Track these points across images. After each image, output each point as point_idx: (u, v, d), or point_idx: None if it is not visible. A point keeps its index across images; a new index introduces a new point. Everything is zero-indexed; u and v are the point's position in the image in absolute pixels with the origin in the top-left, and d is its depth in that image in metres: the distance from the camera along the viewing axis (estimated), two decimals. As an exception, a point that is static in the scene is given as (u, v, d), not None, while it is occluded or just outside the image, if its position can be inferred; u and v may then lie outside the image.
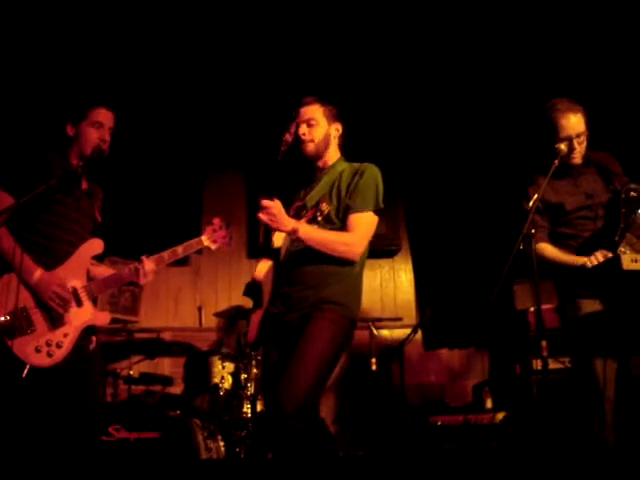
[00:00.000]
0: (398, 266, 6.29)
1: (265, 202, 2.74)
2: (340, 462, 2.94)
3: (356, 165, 3.04)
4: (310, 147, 3.04)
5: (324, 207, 2.87)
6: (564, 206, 3.33)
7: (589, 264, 3.10)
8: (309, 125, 3.04)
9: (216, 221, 3.27)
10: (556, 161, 3.17)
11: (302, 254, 2.89)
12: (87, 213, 3.21)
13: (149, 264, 3.10)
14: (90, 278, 3.09)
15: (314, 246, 2.83)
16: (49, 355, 2.85)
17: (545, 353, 2.96)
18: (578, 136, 3.29)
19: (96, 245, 3.14)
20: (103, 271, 3.16)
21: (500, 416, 4.30)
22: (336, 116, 3.13)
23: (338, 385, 5.65)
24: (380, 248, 6.11)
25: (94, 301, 4.46)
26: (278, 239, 3.03)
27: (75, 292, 2.99)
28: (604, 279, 3.08)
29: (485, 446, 4.25)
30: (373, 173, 2.99)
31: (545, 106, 3.36)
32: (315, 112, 3.07)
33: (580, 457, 3.14)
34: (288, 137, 3.01)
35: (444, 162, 5.95)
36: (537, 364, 4.36)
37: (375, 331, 4.92)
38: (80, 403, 2.95)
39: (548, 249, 3.34)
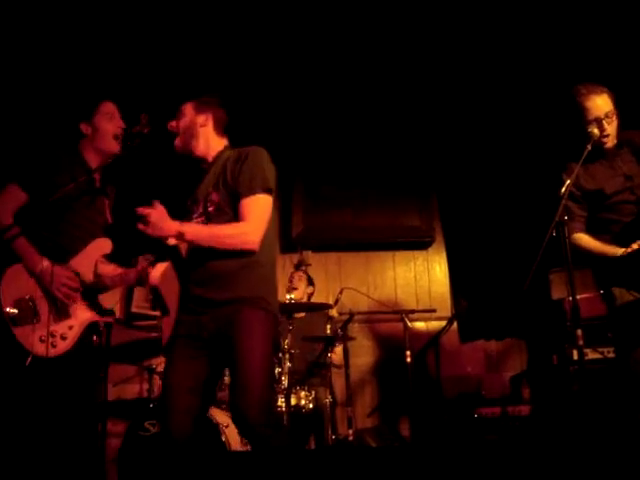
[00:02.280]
0: (432, 258, 6.23)
1: (140, 210, 2.57)
2: (372, 453, 2.91)
3: (242, 150, 2.90)
4: (177, 141, 2.97)
5: (214, 197, 2.78)
6: (604, 190, 3.28)
7: (630, 250, 3.04)
8: (178, 119, 2.99)
9: None
10: (589, 145, 3.13)
11: (204, 251, 2.72)
12: (100, 211, 3.27)
13: (156, 269, 3.06)
14: (97, 276, 3.13)
15: (207, 245, 2.68)
16: (53, 346, 2.90)
17: (581, 342, 2.91)
18: (607, 116, 3.25)
19: (105, 245, 3.20)
20: (111, 270, 3.18)
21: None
22: (207, 105, 3.01)
23: (373, 378, 5.64)
24: (414, 240, 6.08)
25: (129, 296, 4.50)
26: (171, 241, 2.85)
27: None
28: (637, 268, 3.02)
29: (524, 437, 4.19)
30: (257, 154, 2.84)
31: (570, 93, 3.34)
32: (185, 107, 3.01)
33: (622, 447, 3.07)
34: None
35: (478, 152, 5.89)
36: (575, 354, 4.29)
37: (409, 323, 4.88)
38: (76, 399, 2.99)
39: (584, 239, 3.28)
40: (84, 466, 2.99)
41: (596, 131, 3.19)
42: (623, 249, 3.07)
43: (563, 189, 2.99)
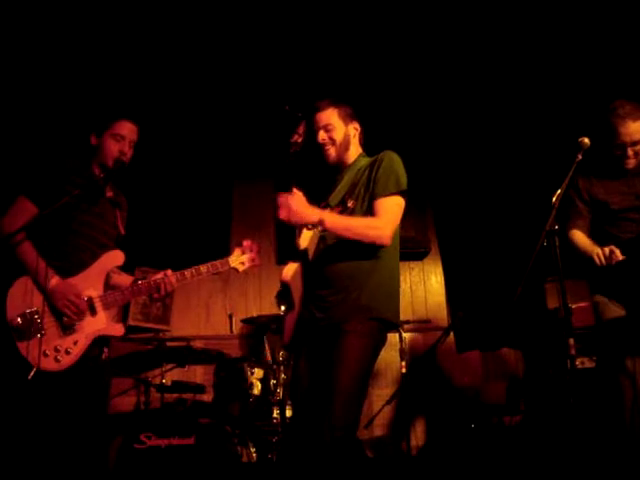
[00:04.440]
0: (428, 268, 6.24)
1: (280, 198, 2.67)
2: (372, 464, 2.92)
3: (375, 157, 3.00)
4: (332, 152, 3.00)
5: (350, 204, 2.87)
6: (609, 205, 3.28)
7: (597, 259, 3.05)
8: (326, 130, 3.00)
9: (246, 243, 3.24)
10: (579, 155, 3.10)
11: (330, 253, 2.85)
12: (111, 222, 3.25)
13: (170, 281, 3.10)
14: (110, 287, 3.12)
15: (341, 234, 2.77)
16: (56, 360, 2.89)
17: (573, 352, 2.90)
18: (634, 144, 3.21)
19: (117, 257, 3.17)
20: (124, 280, 3.18)
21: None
22: (352, 115, 3.09)
23: (369, 389, 5.62)
24: (409, 251, 6.08)
25: (126, 309, 4.48)
26: (304, 240, 2.96)
27: (90, 301, 3.02)
28: (623, 280, 3.03)
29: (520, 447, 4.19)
30: (391, 158, 2.94)
31: (608, 107, 3.26)
32: (330, 116, 3.02)
33: (612, 454, 3.08)
34: (297, 138, 2.94)
35: (472, 163, 5.91)
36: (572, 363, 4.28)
37: (404, 334, 4.88)
38: (85, 413, 2.96)
39: (577, 235, 3.29)
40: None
41: (586, 140, 3.15)
42: (598, 249, 3.07)
43: (554, 198, 2.99)
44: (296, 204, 2.69)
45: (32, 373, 2.80)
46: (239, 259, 3.21)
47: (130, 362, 4.80)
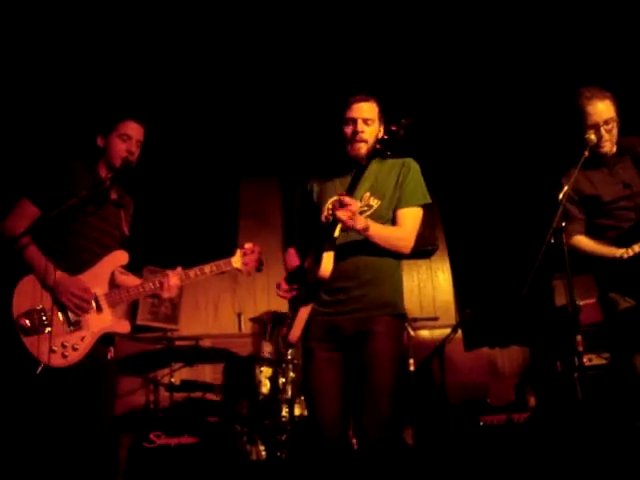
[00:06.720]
0: (436, 266, 6.24)
1: (346, 199, 2.69)
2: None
3: (398, 161, 3.04)
4: (363, 148, 2.94)
5: (374, 203, 2.93)
6: (601, 198, 3.27)
7: (626, 256, 3.03)
8: (366, 124, 2.96)
9: (248, 246, 3.26)
10: (586, 152, 3.12)
11: (352, 248, 2.89)
12: (114, 224, 3.26)
13: (174, 280, 3.12)
14: (115, 286, 3.13)
15: (376, 241, 2.84)
16: (63, 356, 2.90)
17: (580, 348, 2.91)
18: (606, 123, 3.22)
19: (120, 257, 3.18)
20: (129, 280, 3.19)
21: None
22: (383, 117, 3.06)
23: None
24: (417, 249, 6.06)
25: (134, 308, 4.49)
26: (337, 231, 2.93)
27: (96, 298, 3.04)
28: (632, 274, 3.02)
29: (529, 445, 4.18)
30: (417, 169, 3.03)
31: (573, 95, 3.31)
32: (372, 111, 2.99)
33: (621, 451, 3.07)
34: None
35: (479, 160, 5.90)
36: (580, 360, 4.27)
37: (412, 332, 4.89)
38: (91, 412, 2.98)
39: (583, 241, 3.27)
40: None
41: (593, 137, 3.17)
42: (622, 250, 3.06)
43: (561, 195, 2.99)
44: (355, 209, 2.74)
45: (40, 369, 2.82)
46: (242, 260, 3.24)
47: (139, 361, 4.81)
